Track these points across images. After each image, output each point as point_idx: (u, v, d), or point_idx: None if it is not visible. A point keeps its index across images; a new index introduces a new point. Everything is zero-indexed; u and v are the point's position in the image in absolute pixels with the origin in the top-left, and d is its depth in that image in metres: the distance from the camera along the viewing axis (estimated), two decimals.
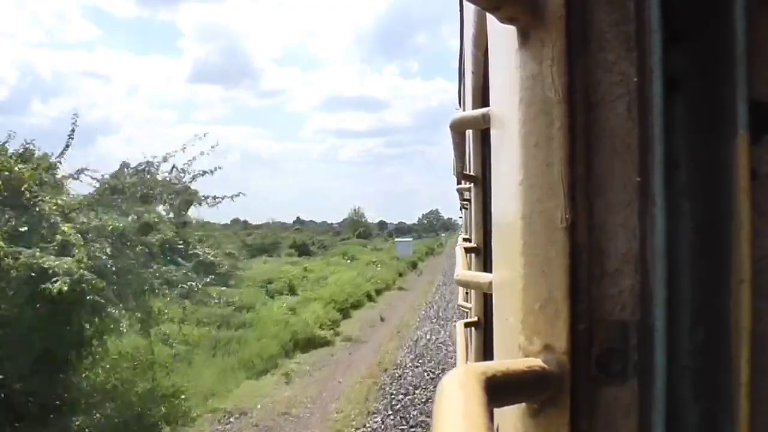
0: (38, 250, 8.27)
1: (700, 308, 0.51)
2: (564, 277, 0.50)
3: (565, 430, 0.50)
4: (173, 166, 10.81)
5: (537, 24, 0.50)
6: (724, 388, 0.50)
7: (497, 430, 0.69)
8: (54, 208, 8.98)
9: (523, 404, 0.52)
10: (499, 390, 0.45)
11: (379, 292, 26.69)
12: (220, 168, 11.14)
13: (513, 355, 0.55)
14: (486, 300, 2.10)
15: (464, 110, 3.55)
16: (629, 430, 0.50)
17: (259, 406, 11.04)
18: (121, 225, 9.68)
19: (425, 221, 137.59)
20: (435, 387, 0.43)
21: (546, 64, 0.50)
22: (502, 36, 0.60)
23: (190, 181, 10.96)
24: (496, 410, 0.66)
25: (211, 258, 11.92)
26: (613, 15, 0.50)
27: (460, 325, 2.37)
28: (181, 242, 11.12)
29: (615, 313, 0.50)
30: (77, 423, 8.84)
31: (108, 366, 10.08)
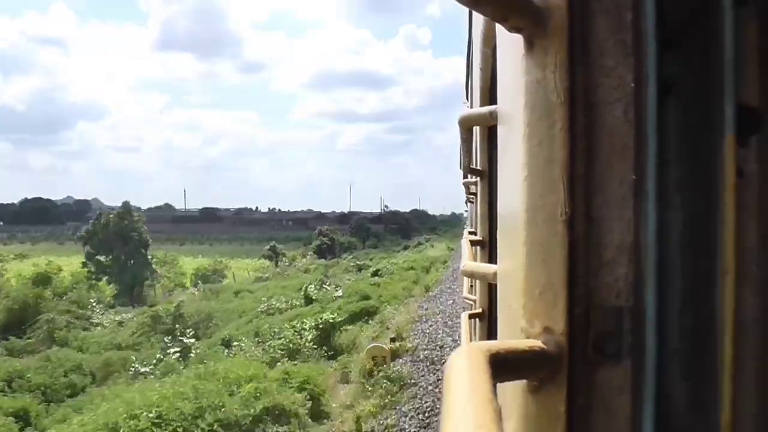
0: None
1: (688, 296, 0.54)
2: (563, 266, 0.54)
3: (563, 406, 0.53)
4: None
5: (541, 33, 0.54)
6: (710, 370, 0.54)
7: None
8: None
9: (524, 381, 0.56)
10: (502, 366, 0.49)
11: None
12: None
13: (515, 337, 0.59)
14: (490, 292, 2.14)
15: (471, 105, 3.58)
16: (622, 406, 0.54)
17: None
18: None
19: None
20: None
21: (549, 70, 0.54)
22: (510, 41, 0.64)
23: None
24: (498, 388, 0.70)
25: None
26: (612, 24, 0.53)
27: (464, 316, 2.41)
28: None
29: (611, 299, 0.54)
30: None
31: None
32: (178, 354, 20.88)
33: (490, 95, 1.93)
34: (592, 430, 0.54)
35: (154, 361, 20.01)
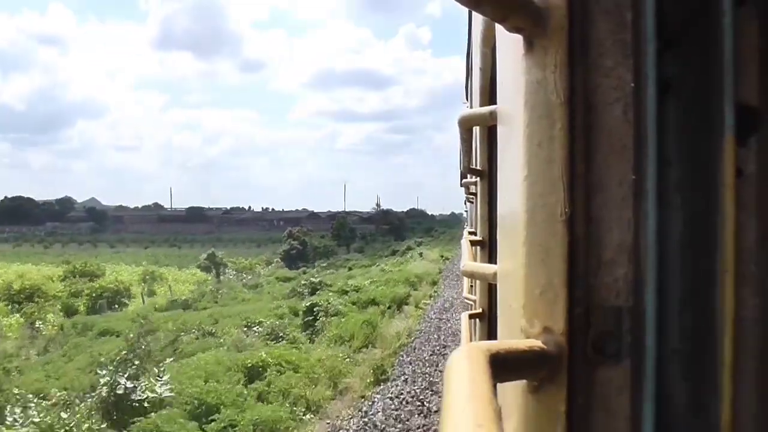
0: None
1: (688, 295, 0.55)
2: (562, 266, 0.54)
3: (563, 406, 0.54)
4: None
5: (541, 33, 0.54)
6: (710, 370, 0.54)
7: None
8: None
9: (524, 381, 0.56)
10: (502, 366, 0.49)
11: None
12: None
13: (515, 337, 0.59)
14: (490, 292, 2.14)
15: (471, 105, 3.58)
16: (622, 406, 0.54)
17: None
18: None
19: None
20: None
21: (549, 71, 0.54)
22: (509, 41, 0.64)
23: None
24: (498, 388, 0.70)
25: None
26: (611, 24, 0.54)
27: (464, 316, 2.41)
28: None
29: (610, 299, 0.54)
30: None
31: None
32: None
33: (489, 95, 1.93)
34: (592, 430, 0.54)
35: None
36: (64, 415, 10.14)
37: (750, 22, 0.53)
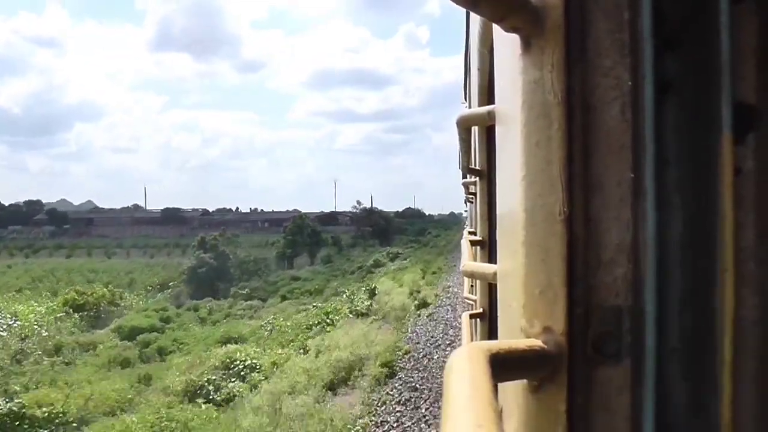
0: None
1: (688, 295, 0.55)
2: (562, 266, 0.54)
3: (563, 405, 0.54)
4: None
5: (538, 33, 0.54)
6: (710, 369, 0.54)
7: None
8: None
9: (524, 381, 0.56)
10: (502, 366, 0.49)
11: None
12: None
13: (515, 337, 0.59)
14: (491, 292, 2.15)
15: (470, 106, 3.59)
16: (622, 406, 0.54)
17: None
18: None
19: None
20: None
21: (546, 70, 0.54)
22: (507, 41, 0.64)
23: None
24: (498, 388, 0.70)
25: None
26: (609, 24, 0.54)
27: (465, 316, 2.41)
28: None
29: (610, 299, 0.54)
30: None
31: None
32: None
33: (488, 95, 1.93)
34: (592, 429, 0.54)
35: None
36: None
37: (748, 20, 0.53)
